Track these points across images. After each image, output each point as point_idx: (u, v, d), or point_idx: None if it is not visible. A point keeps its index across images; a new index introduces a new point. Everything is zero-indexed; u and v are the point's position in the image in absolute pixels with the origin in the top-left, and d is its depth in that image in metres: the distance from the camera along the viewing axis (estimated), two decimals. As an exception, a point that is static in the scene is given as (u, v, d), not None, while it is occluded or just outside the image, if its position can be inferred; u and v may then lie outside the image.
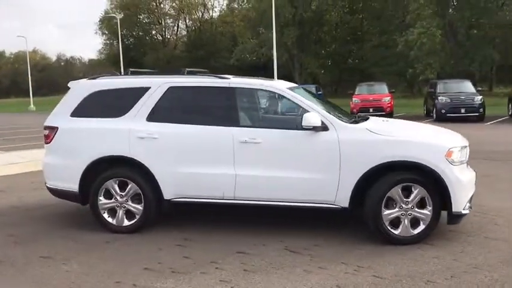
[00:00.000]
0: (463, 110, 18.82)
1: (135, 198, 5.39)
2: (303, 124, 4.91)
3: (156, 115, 5.36)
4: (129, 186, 5.36)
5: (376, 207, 4.85)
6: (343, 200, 4.99)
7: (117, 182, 5.39)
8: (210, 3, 54.05)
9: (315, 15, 41.49)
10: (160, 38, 55.13)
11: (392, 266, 4.38)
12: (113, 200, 5.43)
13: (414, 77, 34.73)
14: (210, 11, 54.92)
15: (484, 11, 34.23)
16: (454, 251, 4.71)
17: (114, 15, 48.26)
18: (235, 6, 49.60)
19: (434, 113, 19.48)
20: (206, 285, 4.03)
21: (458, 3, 33.83)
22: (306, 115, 4.93)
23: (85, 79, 5.92)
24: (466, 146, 5.12)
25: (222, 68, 45.19)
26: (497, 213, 5.90)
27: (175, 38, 56.03)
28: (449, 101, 19.14)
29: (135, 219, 5.40)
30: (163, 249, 4.91)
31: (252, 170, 5.11)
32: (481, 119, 18.73)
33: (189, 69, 6.05)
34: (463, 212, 4.91)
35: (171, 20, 54.90)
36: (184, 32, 55.71)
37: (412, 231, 4.90)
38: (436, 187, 4.84)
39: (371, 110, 20.11)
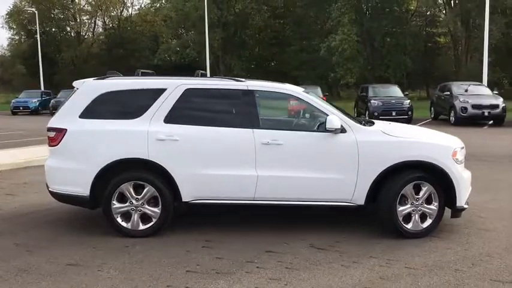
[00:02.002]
0: (394, 113, 20.02)
1: (151, 201, 5.32)
2: (327, 126, 5.16)
3: (173, 117, 5.32)
4: (145, 189, 5.26)
5: (392, 204, 5.21)
6: (359, 198, 5.30)
7: (132, 185, 5.28)
8: (129, 1, 52.74)
9: (239, 18, 42.03)
10: (75, 35, 52.56)
11: (417, 257, 4.76)
12: (127, 204, 5.30)
13: (335, 81, 36.41)
14: (130, 9, 53.58)
15: (397, 20, 36.81)
16: (461, 242, 5.19)
17: (29, 9, 45.31)
18: (158, 5, 48.73)
19: (366, 116, 20.44)
20: (259, 284, 4.12)
21: (374, 12, 35.97)
22: (329, 118, 5.18)
23: (91, 79, 5.70)
24: (463, 147, 5.65)
25: (145, 68, 44.25)
26: (476, 207, 6.52)
27: (92, 35, 53.76)
28: (381, 104, 20.34)
29: (152, 223, 5.32)
30: (192, 251, 4.91)
31: (274, 171, 5.26)
32: (409, 121, 20.11)
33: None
34: (465, 206, 5.43)
35: (88, 16, 52.63)
36: (102, 30, 53.64)
37: (421, 225, 5.33)
38: (442, 184, 5.31)
39: (307, 113, 20.81)
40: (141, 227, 5.33)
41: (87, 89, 5.50)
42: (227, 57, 41.41)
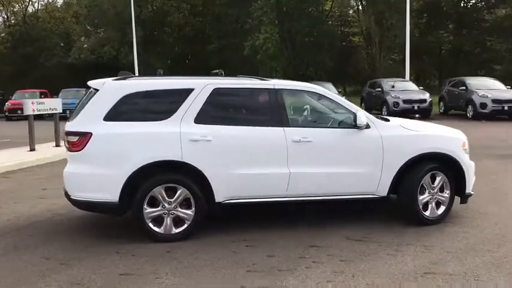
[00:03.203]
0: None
1: (183, 204, 5.20)
2: (357, 123, 5.38)
3: (203, 117, 5.24)
4: (178, 192, 5.13)
5: (414, 194, 5.56)
6: (382, 189, 5.59)
7: (164, 188, 5.13)
8: (35, -4, 49.35)
9: (157, 15, 41.16)
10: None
11: (446, 242, 5.12)
12: (159, 208, 5.14)
13: (260, 80, 36.84)
14: (36, 4, 50.13)
15: (315, 21, 38.21)
16: (473, 226, 5.66)
17: None
18: (68, 1, 46.20)
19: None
20: (328, 278, 4.22)
21: (293, 12, 37.01)
22: (359, 114, 5.40)
23: (109, 80, 5.42)
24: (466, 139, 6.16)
25: (59, 67, 41.87)
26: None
27: (-7, 32, 49.67)
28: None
29: (185, 226, 5.20)
30: (238, 252, 4.88)
31: (305, 167, 5.38)
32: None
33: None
34: (472, 192, 5.93)
35: (-13, 12, 48.53)
36: (4, 27, 49.61)
37: (437, 212, 5.74)
38: (453, 173, 5.75)
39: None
40: (174, 230, 5.19)
41: (110, 90, 5.23)
42: (146, 55, 40.34)
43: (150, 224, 5.14)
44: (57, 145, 12.24)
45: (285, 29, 36.58)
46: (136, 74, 31.13)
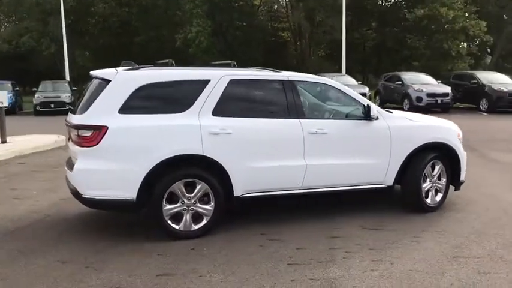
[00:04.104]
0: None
1: (202, 199, 5.03)
2: (371, 114, 5.49)
3: (221, 109, 5.08)
4: (198, 187, 4.95)
5: (419, 182, 5.78)
6: (389, 179, 5.76)
7: (184, 183, 4.92)
8: None
9: (80, 5, 39.13)
10: None
11: (455, 227, 5.37)
12: (179, 204, 4.93)
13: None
14: None
15: (246, 15, 38.38)
16: (469, 212, 5.96)
17: None
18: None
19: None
20: (371, 267, 4.27)
21: (225, 5, 36.89)
22: (372, 106, 5.52)
23: (120, 69, 5.09)
24: None
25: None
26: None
27: None
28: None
29: (205, 221, 5.03)
30: (266, 246, 4.79)
31: (320, 159, 5.41)
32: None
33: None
34: (464, 180, 6.27)
35: None
36: None
37: (436, 200, 6.01)
38: (449, 162, 6.04)
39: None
40: (194, 227, 5.00)
41: (124, 81, 4.91)
42: (70, 47, 38.27)
43: (169, 221, 4.91)
44: (4, 141, 11.28)
45: (217, 23, 36.40)
46: (66, 66, 29.69)
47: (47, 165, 9.30)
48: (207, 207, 5.03)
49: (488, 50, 41.77)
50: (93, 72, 5.30)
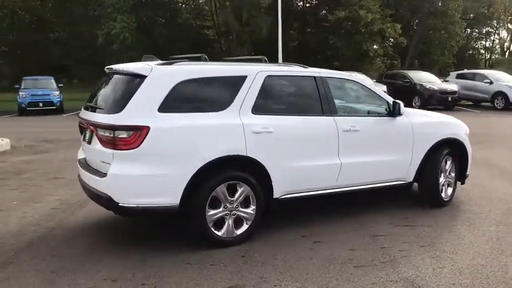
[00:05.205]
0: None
1: (242, 202, 4.73)
2: (401, 111, 5.49)
3: (259, 107, 4.79)
4: (240, 189, 4.64)
5: (437, 178, 5.89)
6: (410, 175, 5.81)
7: (227, 186, 4.59)
8: None
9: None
10: None
11: (477, 220, 5.52)
12: (221, 209, 4.59)
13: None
14: None
15: (170, 12, 37.48)
16: (473, 204, 6.15)
17: None
18: None
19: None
20: (432, 264, 4.24)
21: (149, 1, 35.76)
22: (401, 103, 5.52)
23: (153, 64, 4.61)
24: None
25: None
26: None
27: None
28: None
29: (247, 226, 4.73)
30: (314, 249, 4.58)
31: (353, 157, 5.31)
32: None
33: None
34: (469, 174, 6.50)
35: None
36: None
37: (448, 194, 6.17)
38: (458, 157, 6.23)
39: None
40: (236, 233, 4.69)
41: (161, 76, 4.46)
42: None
43: (212, 228, 4.56)
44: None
45: (142, 19, 35.14)
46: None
47: (5, 172, 8.32)
48: (248, 210, 4.73)
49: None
50: (117, 67, 4.79)
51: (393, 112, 5.55)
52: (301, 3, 42.93)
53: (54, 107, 19.71)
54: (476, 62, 57.76)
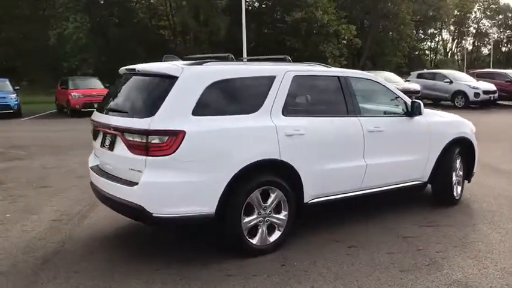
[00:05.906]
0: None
1: (274, 208, 4.53)
2: (421, 111, 5.45)
3: (289, 108, 4.60)
4: (273, 195, 4.44)
5: (450, 177, 5.91)
6: (426, 175, 5.80)
7: (260, 191, 4.38)
8: None
9: None
10: None
11: (495, 217, 5.57)
12: (255, 215, 4.36)
13: (71, 72, 33.53)
14: None
15: (126, 11, 36.52)
16: (481, 202, 6.24)
17: None
18: None
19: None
20: (473, 264, 4.20)
21: (105, 1, 34.71)
22: (421, 103, 5.48)
23: (183, 64, 4.31)
24: None
25: None
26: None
27: None
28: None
29: (280, 233, 4.53)
30: (352, 254, 4.44)
31: (377, 158, 5.21)
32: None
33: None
34: (475, 172, 6.57)
35: None
36: None
37: (458, 193, 6.21)
38: (466, 155, 6.27)
39: (96, 105, 18.83)
40: (269, 240, 4.47)
41: (193, 78, 4.17)
42: None
43: (247, 237, 4.32)
44: None
45: (96, 19, 34.01)
46: None
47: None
48: (281, 216, 4.53)
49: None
50: (140, 67, 4.48)
51: (413, 112, 5.50)
52: (257, 4, 42.91)
53: (12, 111, 18.57)
54: (423, 62, 60.03)
